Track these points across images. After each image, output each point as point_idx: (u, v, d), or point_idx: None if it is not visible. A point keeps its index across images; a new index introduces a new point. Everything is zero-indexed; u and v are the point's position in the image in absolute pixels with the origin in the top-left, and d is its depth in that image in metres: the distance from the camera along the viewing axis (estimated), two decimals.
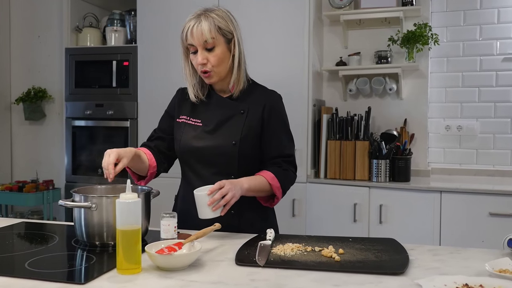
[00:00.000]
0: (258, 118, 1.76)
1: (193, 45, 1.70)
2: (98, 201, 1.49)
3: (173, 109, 1.88)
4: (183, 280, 1.21)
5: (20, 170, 4.22)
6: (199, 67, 1.72)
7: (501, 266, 1.23)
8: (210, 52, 1.70)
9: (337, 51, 3.65)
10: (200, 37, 1.68)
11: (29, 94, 4.06)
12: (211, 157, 1.74)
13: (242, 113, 1.76)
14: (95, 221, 1.49)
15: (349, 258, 1.36)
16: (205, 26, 1.67)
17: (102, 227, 1.49)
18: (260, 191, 1.72)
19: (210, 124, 1.76)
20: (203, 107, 1.81)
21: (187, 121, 1.81)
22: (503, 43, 3.41)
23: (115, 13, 3.85)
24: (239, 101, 1.78)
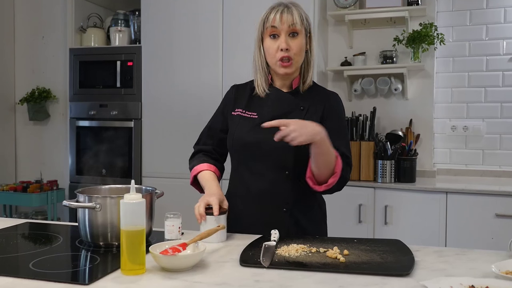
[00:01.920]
0: (318, 117, 1.70)
1: (276, 28, 1.64)
2: (102, 202, 1.48)
3: (227, 105, 1.82)
4: (187, 281, 1.20)
5: (24, 171, 4.23)
6: (279, 53, 1.64)
7: (507, 267, 1.22)
8: (293, 39, 1.65)
9: (342, 51, 3.64)
10: (289, 21, 1.63)
11: (33, 94, 4.07)
12: (266, 151, 1.67)
13: (302, 109, 1.71)
14: (99, 221, 1.48)
15: (354, 259, 1.35)
16: (295, 12, 1.66)
17: (106, 227, 1.48)
18: (329, 155, 1.59)
19: (266, 117, 1.66)
20: (260, 101, 1.74)
21: (242, 114, 1.75)
22: (509, 43, 3.39)
23: (119, 13, 3.85)
24: (300, 98, 1.73)
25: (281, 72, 1.68)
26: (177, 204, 3.40)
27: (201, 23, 3.48)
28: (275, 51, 1.65)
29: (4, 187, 3.86)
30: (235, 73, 3.40)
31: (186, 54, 3.52)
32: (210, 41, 3.46)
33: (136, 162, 3.65)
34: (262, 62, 1.71)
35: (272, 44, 1.66)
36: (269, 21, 1.65)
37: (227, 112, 1.80)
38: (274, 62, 1.67)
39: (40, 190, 3.81)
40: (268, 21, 1.66)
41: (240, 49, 3.39)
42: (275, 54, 1.65)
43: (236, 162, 1.78)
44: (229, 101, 1.82)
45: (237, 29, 3.40)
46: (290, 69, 1.67)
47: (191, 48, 3.51)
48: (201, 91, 3.48)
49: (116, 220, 1.46)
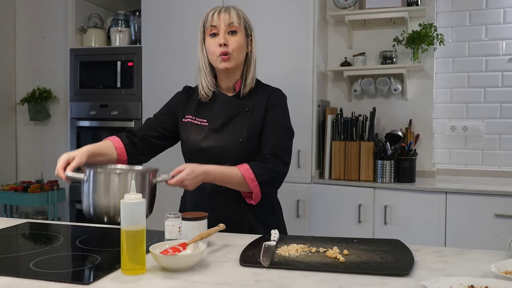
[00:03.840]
0: (262, 115, 1.78)
1: (215, 26, 1.74)
2: (91, 175, 1.50)
3: (176, 107, 1.89)
4: (188, 281, 1.20)
5: (25, 171, 4.23)
6: (218, 49, 1.73)
7: (507, 267, 1.23)
8: (232, 36, 1.74)
9: (341, 51, 3.64)
10: (226, 19, 1.73)
11: (33, 94, 4.08)
12: (219, 156, 1.74)
13: (247, 110, 1.78)
14: (86, 194, 1.51)
15: (353, 259, 1.36)
16: (233, 11, 1.76)
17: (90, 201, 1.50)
18: (230, 179, 1.69)
19: (216, 123, 1.77)
20: (208, 106, 1.81)
21: (192, 121, 1.82)
22: (509, 43, 3.39)
23: (119, 14, 3.85)
24: (245, 99, 1.80)
25: (221, 67, 1.75)
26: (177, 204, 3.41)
27: None
28: (215, 48, 1.73)
29: (4, 187, 3.87)
30: None
31: (186, 54, 3.52)
32: None
33: None
34: (205, 62, 1.79)
35: (212, 42, 1.74)
36: (208, 21, 1.75)
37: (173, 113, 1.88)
38: (215, 59, 1.75)
39: (41, 190, 3.81)
40: (208, 21, 1.75)
41: None
42: (215, 51, 1.73)
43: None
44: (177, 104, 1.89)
45: None
46: (229, 63, 1.74)
47: (191, 48, 3.50)
48: None
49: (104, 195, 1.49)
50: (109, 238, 1.68)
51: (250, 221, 1.79)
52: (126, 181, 1.49)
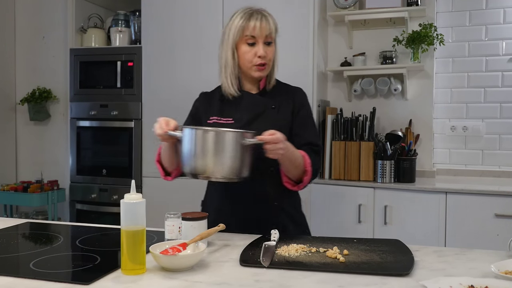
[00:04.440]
0: (289, 112, 1.82)
1: (253, 36, 1.75)
2: (187, 132, 1.54)
3: (199, 112, 1.88)
4: (188, 281, 1.21)
5: (24, 171, 4.23)
6: (256, 59, 1.75)
7: (507, 267, 1.23)
8: (268, 47, 1.78)
9: (341, 51, 3.64)
10: (266, 30, 1.75)
11: (33, 94, 4.08)
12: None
13: (273, 108, 1.80)
14: (184, 150, 1.55)
15: (353, 259, 1.36)
16: (271, 21, 1.79)
17: (189, 157, 1.53)
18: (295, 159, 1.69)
19: (242, 121, 1.76)
20: (232, 105, 1.81)
21: (218, 121, 1.80)
22: (509, 44, 3.39)
23: (119, 14, 3.85)
24: (268, 97, 1.83)
25: (256, 76, 1.78)
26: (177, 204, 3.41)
27: (201, 23, 3.48)
28: (252, 57, 1.75)
29: (4, 187, 3.87)
30: None
31: (186, 54, 3.52)
32: (210, 41, 3.46)
33: (136, 162, 3.65)
34: (235, 66, 1.79)
35: (249, 50, 1.76)
36: (248, 30, 1.74)
37: (201, 120, 1.85)
38: (250, 67, 1.77)
39: (41, 190, 3.81)
40: (248, 29, 1.74)
41: None
42: (252, 60, 1.76)
43: None
44: (201, 109, 1.88)
45: None
46: (264, 73, 1.80)
47: (191, 48, 3.51)
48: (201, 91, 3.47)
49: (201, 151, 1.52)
50: (109, 238, 1.69)
51: (282, 219, 1.79)
52: (224, 140, 1.52)
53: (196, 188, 3.56)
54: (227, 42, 1.79)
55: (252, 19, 1.74)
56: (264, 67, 1.77)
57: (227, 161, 1.52)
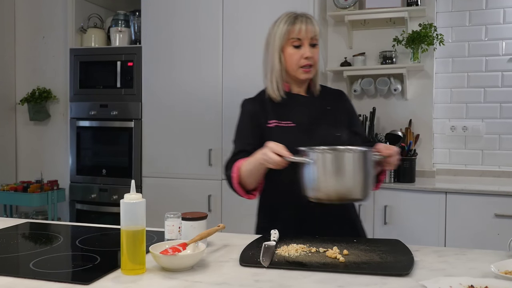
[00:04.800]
0: (344, 113, 1.86)
1: (299, 39, 1.75)
2: (316, 156, 1.48)
3: (257, 116, 1.81)
4: (187, 281, 1.21)
5: (24, 171, 4.23)
6: (302, 61, 1.75)
7: (506, 267, 1.23)
8: (314, 49, 1.78)
9: (341, 51, 3.64)
10: (311, 32, 1.76)
11: (33, 94, 4.08)
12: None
13: (329, 109, 1.82)
14: (313, 176, 1.48)
15: (353, 259, 1.36)
16: (316, 23, 1.80)
17: (317, 182, 1.48)
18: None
19: (303, 123, 1.76)
20: (285, 108, 1.80)
21: (279, 124, 1.77)
22: (508, 43, 3.40)
23: (119, 14, 3.85)
24: (320, 99, 1.84)
25: (303, 78, 1.78)
26: (177, 204, 3.41)
27: (201, 23, 3.48)
28: (298, 59, 1.75)
29: (4, 187, 3.87)
30: (235, 73, 3.41)
31: (186, 54, 3.52)
32: (210, 41, 3.46)
33: (136, 162, 3.65)
34: (282, 69, 1.79)
35: (296, 53, 1.75)
36: (294, 33, 1.75)
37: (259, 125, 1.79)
38: (296, 69, 1.77)
39: (41, 190, 3.81)
40: (294, 32, 1.75)
41: (240, 49, 3.40)
42: (298, 62, 1.75)
43: (284, 169, 1.64)
44: (256, 114, 1.82)
45: (237, 29, 3.40)
46: (311, 75, 1.79)
47: (191, 48, 3.51)
48: (201, 91, 3.49)
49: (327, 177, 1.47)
50: (109, 238, 1.69)
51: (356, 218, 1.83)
52: (360, 159, 1.48)
53: (196, 189, 3.57)
54: (272, 47, 1.79)
55: (297, 22, 1.76)
56: (310, 69, 1.77)
57: (363, 181, 1.48)
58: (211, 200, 3.45)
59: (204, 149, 3.47)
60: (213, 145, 3.46)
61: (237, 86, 3.41)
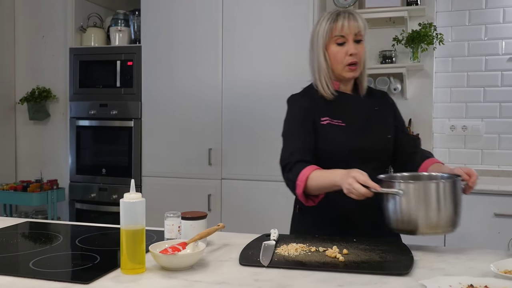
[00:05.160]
0: (390, 115, 1.85)
1: (343, 36, 1.70)
2: (405, 187, 1.43)
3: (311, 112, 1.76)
4: (187, 280, 1.21)
5: (24, 170, 4.23)
6: (347, 58, 1.71)
7: (506, 267, 1.23)
8: (359, 45, 1.73)
9: None
10: (355, 28, 1.70)
11: (33, 94, 4.07)
12: (372, 153, 1.73)
13: (377, 109, 1.80)
14: (403, 208, 1.43)
15: (353, 258, 1.36)
16: (359, 19, 1.73)
17: (408, 214, 1.42)
18: None
19: (354, 123, 1.74)
20: (336, 107, 1.76)
21: (331, 122, 1.74)
22: (508, 43, 3.39)
23: (119, 13, 3.85)
24: (367, 99, 1.81)
25: (348, 76, 1.74)
26: (176, 204, 3.41)
27: (200, 23, 3.48)
28: (343, 57, 1.71)
29: (4, 187, 3.86)
30: (234, 72, 3.41)
31: (186, 53, 3.52)
32: (209, 40, 3.46)
33: (136, 162, 3.65)
34: (327, 68, 1.75)
35: (340, 50, 1.71)
36: (337, 30, 1.70)
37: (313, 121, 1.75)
38: (342, 68, 1.73)
39: (40, 189, 3.81)
40: (337, 29, 1.70)
41: (240, 49, 3.39)
42: (343, 60, 1.71)
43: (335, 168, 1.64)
44: (309, 109, 1.77)
45: (236, 29, 3.40)
46: (357, 73, 1.75)
47: (191, 47, 3.51)
48: (201, 91, 3.49)
49: (418, 208, 1.41)
50: (109, 238, 1.69)
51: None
52: (446, 190, 1.44)
53: (195, 188, 3.57)
54: (317, 46, 1.76)
55: (340, 19, 1.71)
56: (355, 67, 1.72)
57: (455, 211, 1.45)
58: (210, 200, 3.45)
59: (204, 149, 3.47)
60: (213, 144, 3.46)
61: (237, 86, 3.41)
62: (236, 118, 3.42)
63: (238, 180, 3.41)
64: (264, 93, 3.35)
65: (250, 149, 3.38)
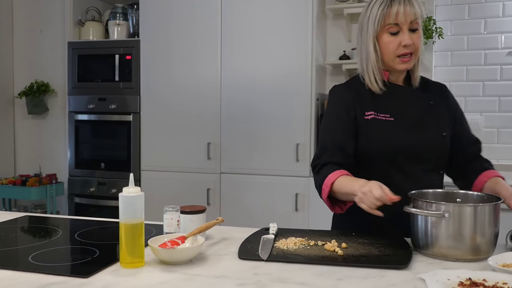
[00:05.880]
0: (445, 110, 1.67)
1: (397, 24, 1.54)
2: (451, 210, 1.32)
3: (353, 108, 1.62)
4: (186, 274, 1.21)
5: (23, 164, 4.23)
6: (400, 49, 1.55)
7: (504, 260, 1.23)
8: (414, 34, 1.56)
9: (340, 44, 3.64)
10: (411, 15, 1.53)
11: (32, 88, 4.07)
12: (423, 152, 1.59)
13: (431, 104, 1.65)
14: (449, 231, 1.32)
15: (352, 252, 1.36)
16: (416, 5, 1.55)
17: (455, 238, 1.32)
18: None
19: (404, 117, 1.59)
20: (385, 100, 1.62)
21: (376, 117, 1.60)
22: (508, 37, 3.39)
23: (117, 7, 3.84)
24: (421, 91, 1.66)
25: (400, 68, 1.59)
26: (175, 198, 3.42)
27: (199, 16, 3.47)
28: (396, 48, 1.56)
29: (3, 181, 3.87)
30: (233, 66, 3.40)
31: (184, 47, 3.51)
32: (208, 34, 3.45)
33: (135, 156, 3.65)
34: (377, 59, 1.59)
35: (393, 40, 1.56)
36: (391, 17, 1.54)
37: (355, 117, 1.62)
38: (392, 59, 1.58)
39: (39, 183, 3.81)
40: (390, 17, 1.54)
41: (239, 43, 3.39)
42: (395, 51, 1.56)
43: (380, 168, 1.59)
44: (352, 104, 1.63)
45: (235, 23, 3.39)
46: (410, 65, 1.59)
47: (189, 41, 3.50)
48: (200, 85, 3.48)
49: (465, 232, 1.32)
50: (108, 232, 1.69)
51: None
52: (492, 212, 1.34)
53: (194, 182, 3.57)
54: (366, 34, 1.58)
55: (394, 4, 1.52)
56: (409, 58, 1.56)
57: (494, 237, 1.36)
58: (210, 194, 3.45)
59: (203, 143, 3.47)
60: (211, 138, 3.46)
61: (236, 80, 3.40)
62: (235, 112, 3.42)
63: (237, 174, 3.41)
64: (263, 88, 3.35)
65: (249, 144, 3.38)
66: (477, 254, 1.32)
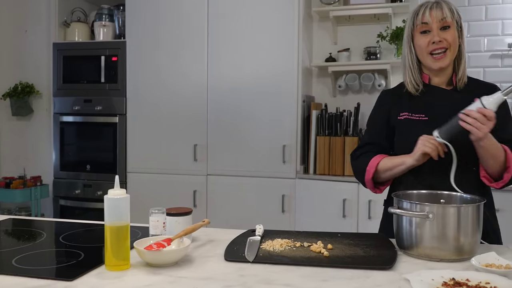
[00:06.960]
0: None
1: (426, 23, 1.63)
2: (435, 211, 1.33)
3: (390, 110, 1.73)
4: (172, 276, 1.21)
5: (7, 166, 4.18)
6: (430, 46, 1.63)
7: (487, 260, 1.25)
8: (445, 32, 1.64)
9: (326, 47, 3.66)
10: (439, 14, 1.63)
11: (16, 89, 4.02)
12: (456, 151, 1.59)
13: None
14: (433, 232, 1.34)
15: (337, 253, 1.37)
16: (445, 7, 1.66)
17: (439, 239, 1.33)
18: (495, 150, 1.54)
19: (439, 118, 1.60)
20: (421, 101, 1.69)
21: (409, 117, 1.68)
22: (490, 40, 3.43)
23: (103, 8, 3.82)
24: (464, 94, 1.67)
25: (434, 67, 1.65)
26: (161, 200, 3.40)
27: (186, 18, 3.47)
28: (426, 45, 1.64)
29: None
30: (220, 68, 3.41)
31: (171, 49, 3.51)
32: (195, 36, 3.45)
33: (121, 158, 3.63)
34: (413, 59, 1.69)
35: (423, 39, 1.65)
36: (419, 18, 1.65)
37: (390, 118, 1.73)
38: (425, 56, 1.66)
39: (24, 186, 3.77)
40: (418, 18, 1.65)
41: (225, 44, 3.39)
42: (426, 48, 1.64)
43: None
44: (390, 107, 1.74)
45: (222, 25, 3.40)
46: (444, 62, 1.64)
47: (176, 43, 3.50)
48: (186, 86, 3.48)
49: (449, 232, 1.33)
50: (93, 234, 1.68)
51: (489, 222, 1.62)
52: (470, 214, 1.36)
53: (180, 184, 3.56)
54: (405, 40, 1.71)
55: (423, 7, 1.65)
56: (442, 55, 1.63)
57: (476, 238, 1.38)
58: (196, 196, 3.45)
59: (189, 145, 3.47)
60: (198, 140, 3.45)
61: (222, 82, 3.40)
62: (221, 114, 3.42)
63: (223, 176, 3.41)
64: (249, 89, 3.35)
65: (235, 145, 3.38)
66: (461, 254, 1.34)
